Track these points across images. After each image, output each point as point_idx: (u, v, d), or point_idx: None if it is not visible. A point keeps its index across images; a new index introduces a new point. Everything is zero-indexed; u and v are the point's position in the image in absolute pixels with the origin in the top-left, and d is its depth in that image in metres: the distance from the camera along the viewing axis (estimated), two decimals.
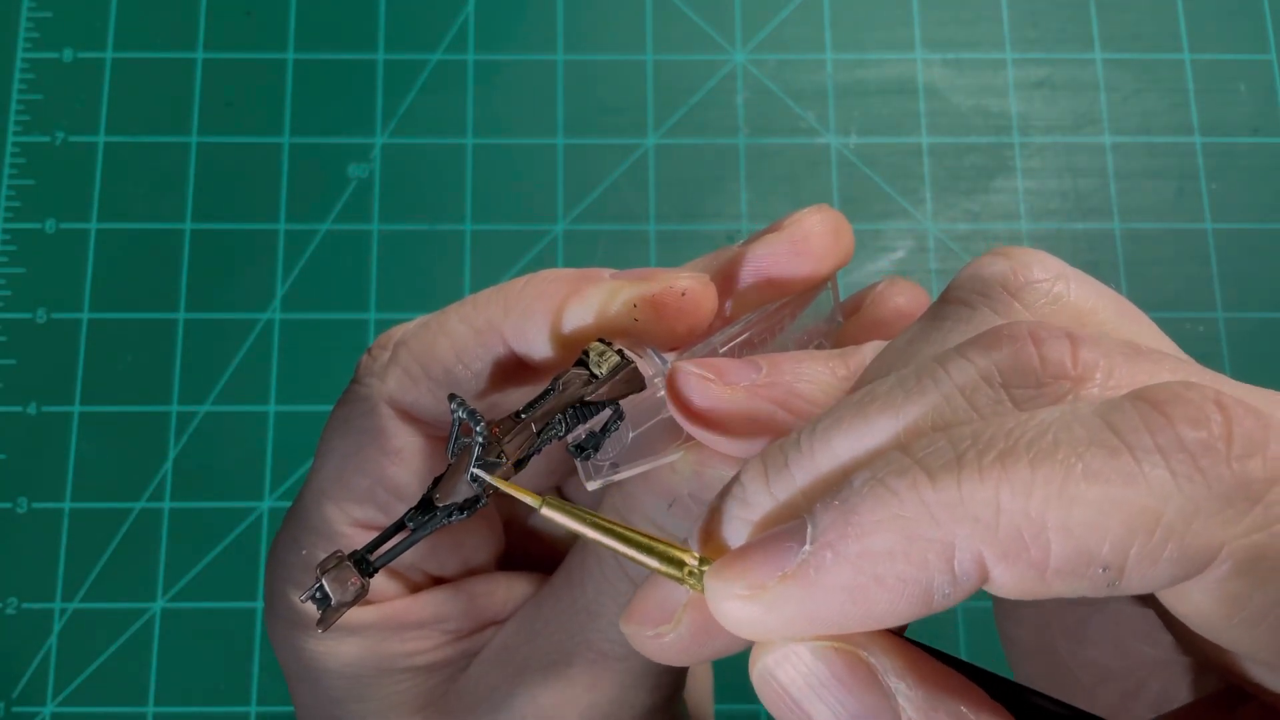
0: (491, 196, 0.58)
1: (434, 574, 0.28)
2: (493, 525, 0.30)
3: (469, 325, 0.25)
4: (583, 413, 0.23)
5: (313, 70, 0.59)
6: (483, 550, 0.29)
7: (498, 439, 0.22)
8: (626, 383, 0.23)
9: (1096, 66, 0.60)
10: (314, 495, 0.27)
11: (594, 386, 0.23)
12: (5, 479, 0.54)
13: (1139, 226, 0.58)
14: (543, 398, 0.23)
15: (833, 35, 0.61)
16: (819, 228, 0.26)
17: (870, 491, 0.17)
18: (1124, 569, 0.16)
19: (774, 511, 0.19)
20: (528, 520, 0.31)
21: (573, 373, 0.23)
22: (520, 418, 0.23)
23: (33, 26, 0.59)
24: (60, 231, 0.57)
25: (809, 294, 0.26)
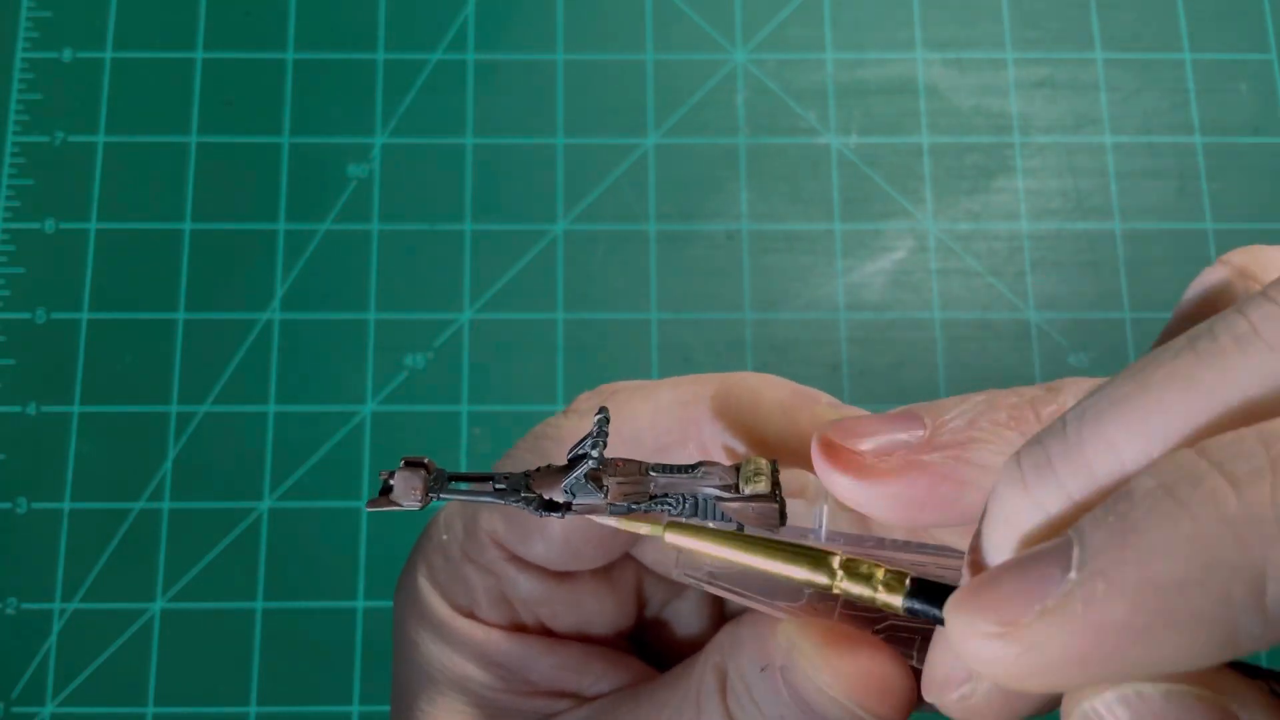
0: (491, 196, 0.58)
1: (545, 622, 0.27)
2: (622, 599, 0.28)
3: (673, 395, 0.24)
4: (707, 510, 0.22)
5: (313, 70, 0.59)
6: (602, 619, 0.28)
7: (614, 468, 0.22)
8: (759, 516, 0.22)
9: (1097, 66, 0.60)
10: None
11: (729, 496, 0.22)
12: (5, 479, 0.54)
13: (1139, 226, 0.58)
14: (679, 470, 0.22)
15: (833, 35, 0.61)
16: None
17: (1155, 505, 0.14)
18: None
19: (1038, 525, 0.16)
20: (664, 610, 0.29)
21: (719, 469, 0.22)
22: (648, 473, 0.22)
23: (32, 26, 0.59)
24: (60, 231, 0.57)
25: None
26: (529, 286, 0.57)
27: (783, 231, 0.58)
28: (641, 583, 0.29)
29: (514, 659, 0.27)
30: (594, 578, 0.27)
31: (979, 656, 0.15)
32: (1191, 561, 0.14)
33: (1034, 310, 0.57)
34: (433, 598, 0.27)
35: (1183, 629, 0.14)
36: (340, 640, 0.53)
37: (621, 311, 0.56)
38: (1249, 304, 0.15)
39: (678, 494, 0.22)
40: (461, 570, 0.27)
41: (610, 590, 0.28)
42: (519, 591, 0.27)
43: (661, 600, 0.29)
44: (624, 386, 0.26)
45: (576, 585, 0.27)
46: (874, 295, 0.57)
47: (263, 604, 0.53)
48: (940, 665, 0.18)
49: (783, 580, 0.21)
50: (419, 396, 0.55)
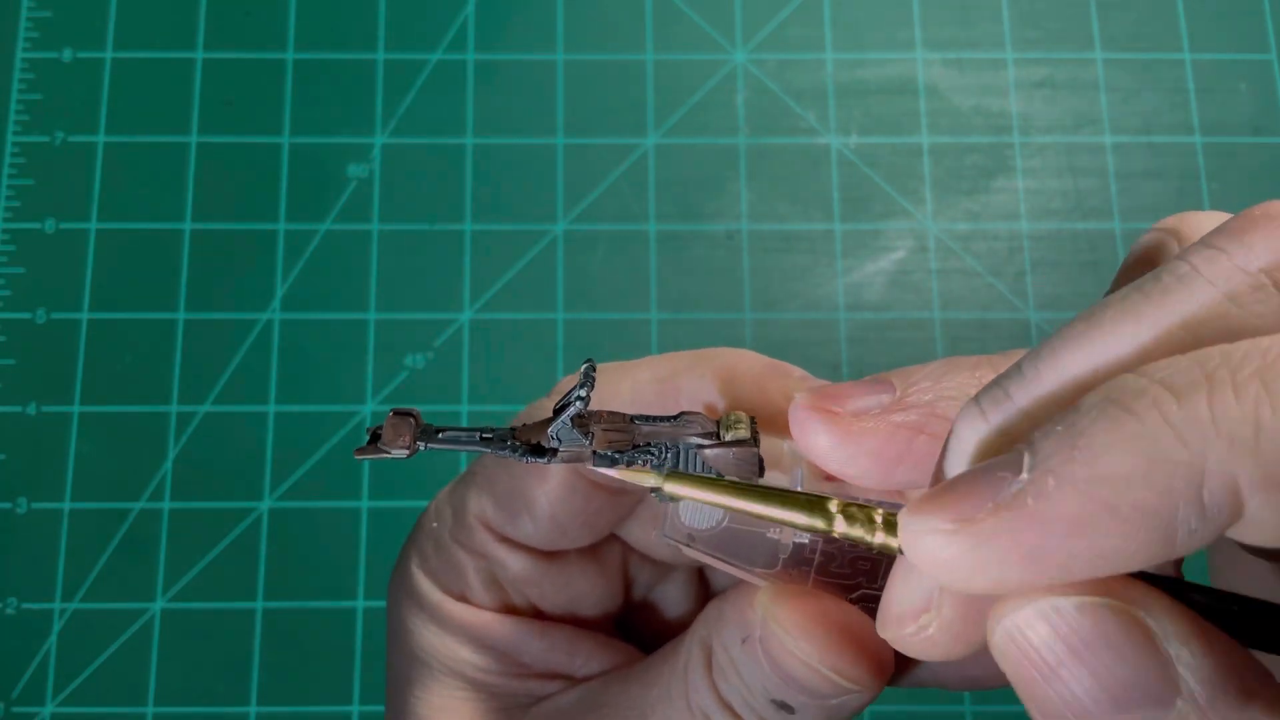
0: (491, 196, 0.58)
1: (535, 603, 0.28)
2: (610, 579, 0.29)
3: (652, 373, 0.25)
4: (688, 460, 0.22)
5: (313, 70, 0.59)
6: (591, 600, 0.28)
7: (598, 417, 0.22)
8: (740, 462, 0.22)
9: (1097, 66, 0.60)
10: (466, 478, 0.27)
11: (710, 444, 0.22)
12: (5, 479, 0.54)
13: (1139, 226, 0.58)
14: (662, 420, 0.22)
15: (833, 35, 0.61)
16: None
17: (1102, 412, 0.15)
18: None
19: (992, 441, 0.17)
20: (652, 593, 0.30)
21: (699, 416, 0.22)
22: (632, 421, 0.22)
23: (32, 26, 0.59)
24: (60, 231, 0.57)
25: None
26: (529, 286, 0.57)
27: (783, 231, 0.58)
28: (628, 563, 0.29)
29: (507, 641, 0.27)
30: (582, 557, 0.28)
31: (933, 555, 0.16)
32: (1136, 457, 0.15)
33: (1034, 310, 0.57)
34: (425, 584, 0.28)
35: (1126, 521, 0.15)
36: (340, 640, 0.53)
37: (621, 311, 0.56)
38: (1190, 250, 0.17)
39: (660, 443, 0.22)
40: (453, 555, 0.27)
41: (598, 570, 0.28)
42: (509, 572, 0.27)
43: (648, 582, 0.30)
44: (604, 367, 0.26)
45: (565, 565, 0.28)
46: (874, 295, 0.57)
47: (263, 604, 0.53)
48: (898, 597, 0.19)
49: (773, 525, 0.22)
50: (419, 396, 0.55)
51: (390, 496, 0.54)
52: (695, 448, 0.22)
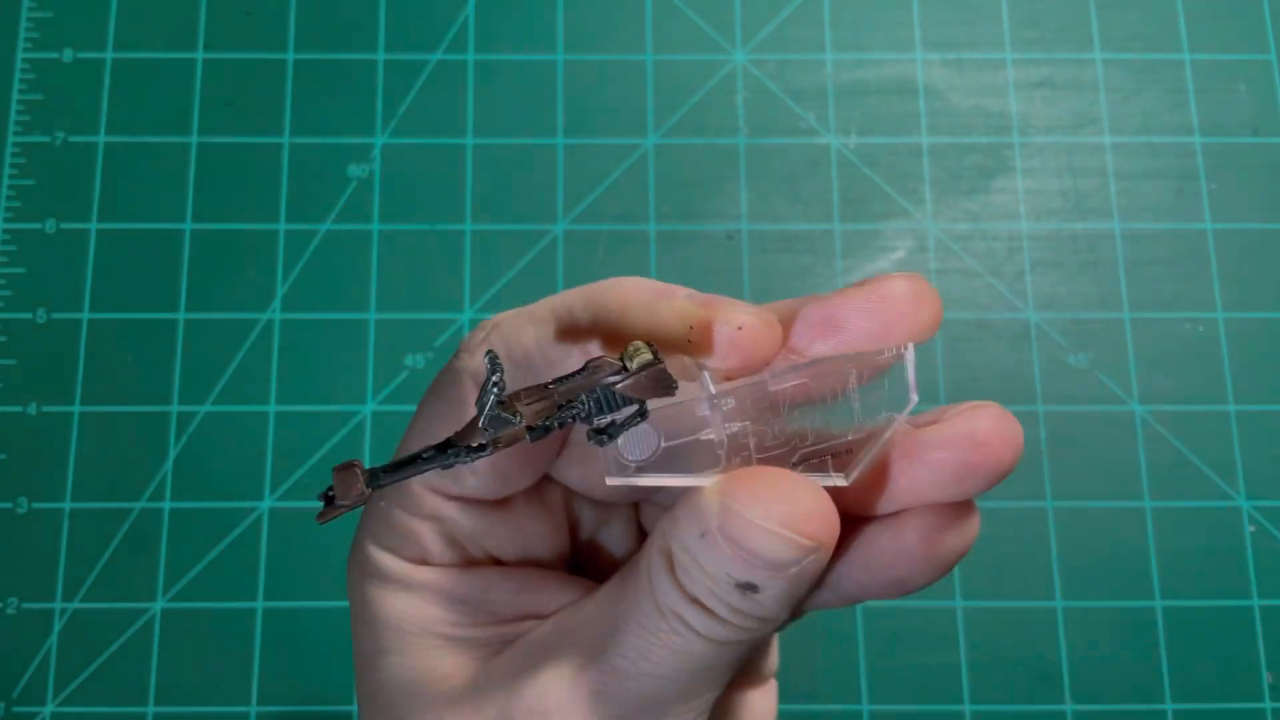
0: (491, 196, 0.58)
1: (493, 553, 0.29)
2: (557, 522, 0.30)
3: (553, 315, 0.26)
4: (608, 401, 0.24)
5: (313, 70, 0.59)
6: (543, 543, 0.30)
7: (517, 397, 0.23)
8: (653, 382, 0.23)
9: (1096, 66, 0.60)
10: (400, 453, 0.28)
11: (621, 378, 0.23)
12: (5, 479, 0.54)
13: (1139, 226, 0.58)
14: (573, 376, 0.24)
15: (833, 35, 0.61)
16: (901, 290, 0.25)
17: None
18: None
19: None
20: (597, 534, 0.32)
21: (605, 359, 0.24)
22: (548, 388, 0.24)
23: (33, 27, 0.60)
24: (60, 231, 0.57)
25: (879, 359, 0.25)
26: (529, 286, 0.57)
27: (782, 231, 0.58)
28: (570, 505, 0.31)
29: (475, 591, 0.28)
30: (528, 502, 0.29)
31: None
32: None
33: (1033, 310, 0.57)
34: (386, 557, 0.29)
35: None
36: (340, 640, 0.53)
37: None
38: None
39: (579, 395, 0.23)
40: (407, 525, 0.28)
41: (545, 512, 0.30)
42: (463, 528, 0.28)
43: (591, 523, 0.31)
44: (505, 316, 0.28)
45: (514, 512, 0.29)
46: None
47: (263, 604, 0.53)
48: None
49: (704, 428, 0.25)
50: (419, 396, 0.55)
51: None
52: (611, 386, 0.23)
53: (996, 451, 0.24)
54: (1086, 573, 0.54)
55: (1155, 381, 0.56)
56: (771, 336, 0.24)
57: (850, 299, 0.25)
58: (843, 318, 0.25)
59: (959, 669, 0.53)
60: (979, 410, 0.25)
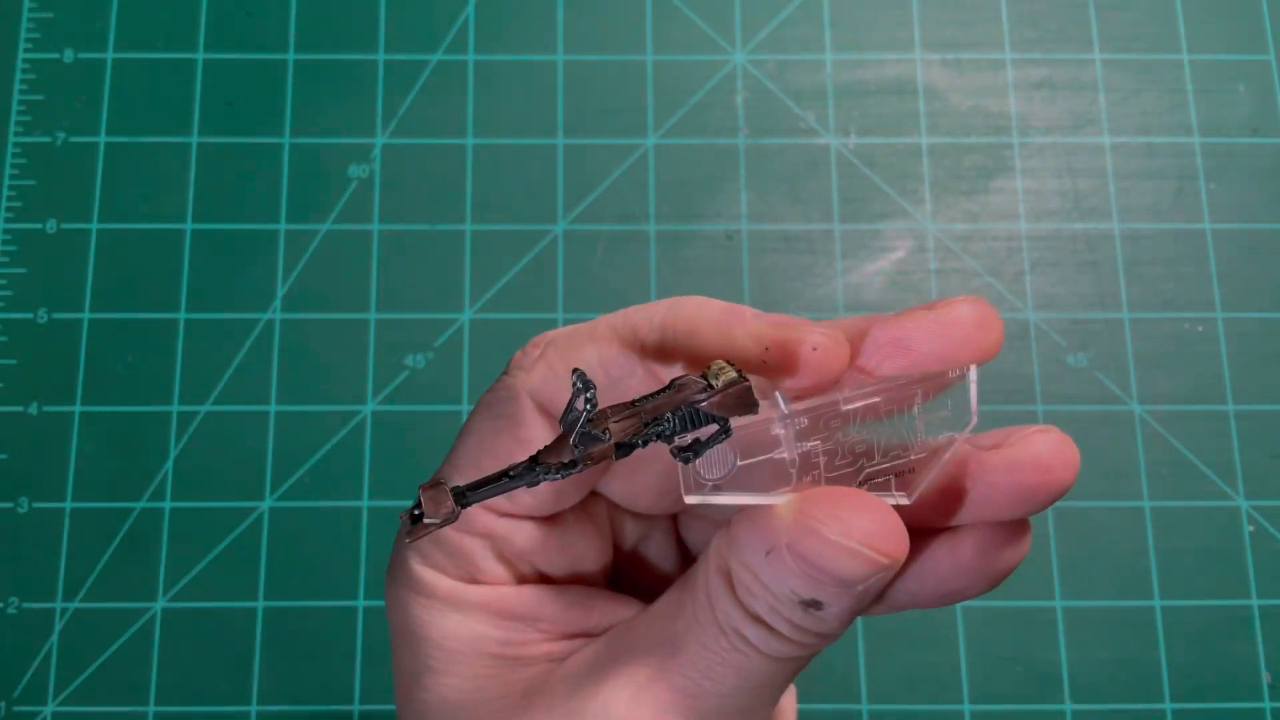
0: (491, 196, 0.58)
1: (542, 570, 0.29)
2: (603, 536, 0.30)
3: (615, 334, 0.27)
4: (692, 419, 0.24)
5: (313, 70, 0.59)
6: (590, 558, 0.30)
7: (605, 414, 0.24)
8: (738, 400, 0.24)
9: (1096, 67, 0.60)
10: (448, 468, 0.28)
11: (707, 396, 0.24)
12: (6, 479, 0.54)
13: (1138, 226, 0.58)
14: (660, 393, 0.24)
15: (833, 35, 0.61)
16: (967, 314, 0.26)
17: None
18: None
19: None
20: (640, 547, 0.32)
21: (690, 378, 0.24)
22: (634, 405, 0.24)
23: (33, 27, 0.60)
24: (61, 232, 0.57)
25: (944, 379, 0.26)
26: (529, 286, 0.57)
27: (782, 232, 0.58)
28: (614, 517, 0.31)
29: (524, 609, 0.28)
30: (577, 517, 0.29)
31: None
32: None
33: (1033, 310, 0.57)
34: (433, 576, 0.28)
35: None
36: (340, 640, 0.53)
37: None
38: None
39: (664, 413, 0.24)
40: (458, 544, 0.28)
41: (592, 526, 0.30)
42: (516, 545, 0.28)
43: (632, 535, 0.31)
44: (559, 335, 0.28)
45: (564, 527, 0.29)
46: (873, 295, 0.57)
47: (263, 604, 0.53)
48: None
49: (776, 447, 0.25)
50: (419, 396, 0.55)
51: (391, 496, 0.54)
52: (696, 404, 0.24)
53: (1058, 475, 0.25)
54: (1086, 573, 0.54)
55: (1154, 381, 0.56)
56: (843, 356, 0.25)
57: (919, 322, 0.26)
58: (911, 340, 0.26)
59: (958, 669, 0.53)
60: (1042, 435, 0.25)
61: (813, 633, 0.25)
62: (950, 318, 0.26)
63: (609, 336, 0.27)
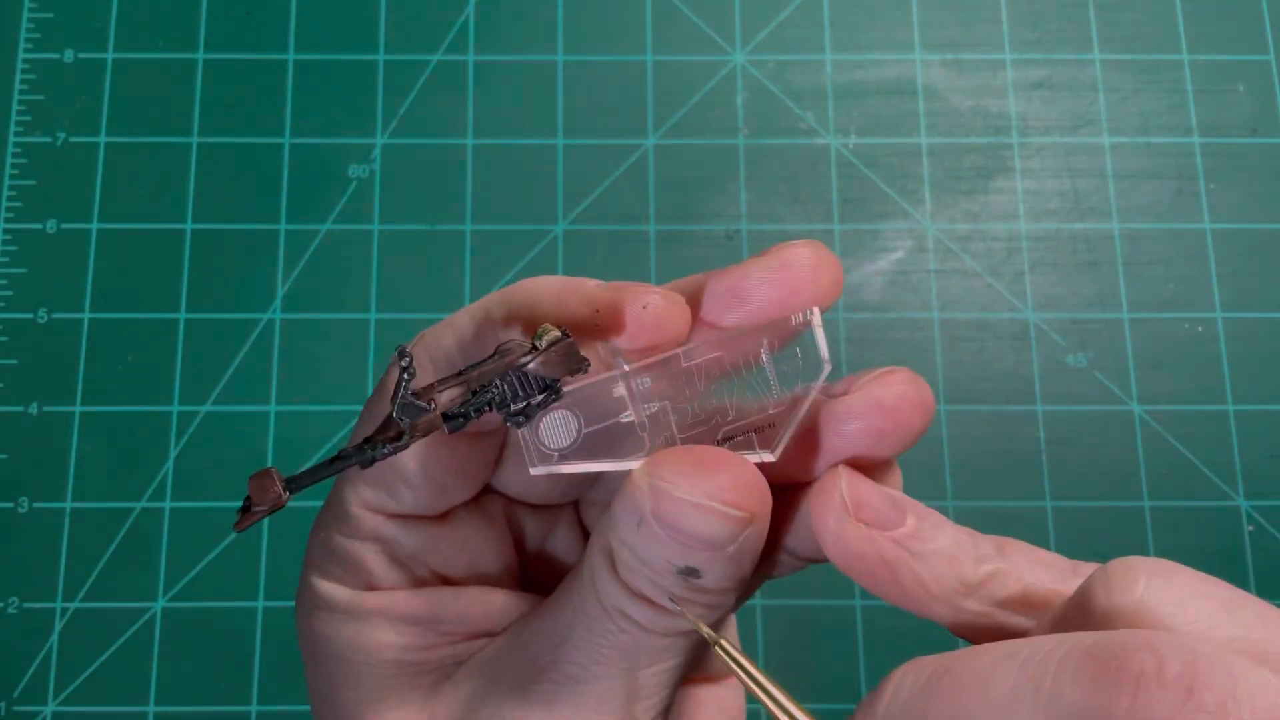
0: (491, 196, 0.58)
1: (438, 571, 0.28)
2: (501, 534, 0.30)
3: (471, 318, 0.26)
4: (522, 384, 0.24)
5: (313, 70, 0.59)
6: (489, 557, 0.29)
7: (432, 387, 0.23)
8: (562, 358, 0.24)
9: (1095, 67, 0.60)
10: (336, 483, 0.28)
11: (531, 357, 0.24)
12: (6, 479, 0.54)
13: (1138, 226, 0.58)
14: (485, 361, 0.24)
15: (832, 36, 0.61)
16: (801, 258, 0.26)
17: None
18: None
19: None
20: (545, 544, 0.31)
21: (516, 341, 0.24)
22: (461, 375, 0.24)
23: (34, 27, 0.60)
24: (61, 232, 0.57)
25: (789, 327, 0.25)
26: None
27: (782, 232, 0.58)
28: (512, 515, 0.30)
29: (424, 612, 0.28)
30: (470, 515, 0.29)
31: None
32: None
33: (1032, 310, 0.57)
34: (331, 588, 0.28)
35: None
36: None
37: None
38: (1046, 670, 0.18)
39: (492, 379, 0.24)
40: (348, 550, 0.28)
41: (488, 525, 0.29)
42: (406, 547, 0.28)
43: (537, 532, 0.31)
44: (429, 330, 0.28)
45: (456, 526, 0.28)
46: (873, 295, 0.57)
47: (263, 603, 0.53)
48: None
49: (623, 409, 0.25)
50: None
51: None
52: (523, 367, 0.24)
53: (906, 418, 0.25)
54: None
55: (1154, 381, 0.56)
56: (678, 313, 0.25)
57: (751, 269, 0.26)
58: (746, 288, 0.26)
59: None
60: (889, 377, 0.25)
61: (696, 603, 0.24)
62: (783, 261, 0.26)
63: (465, 322, 0.26)
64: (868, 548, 0.24)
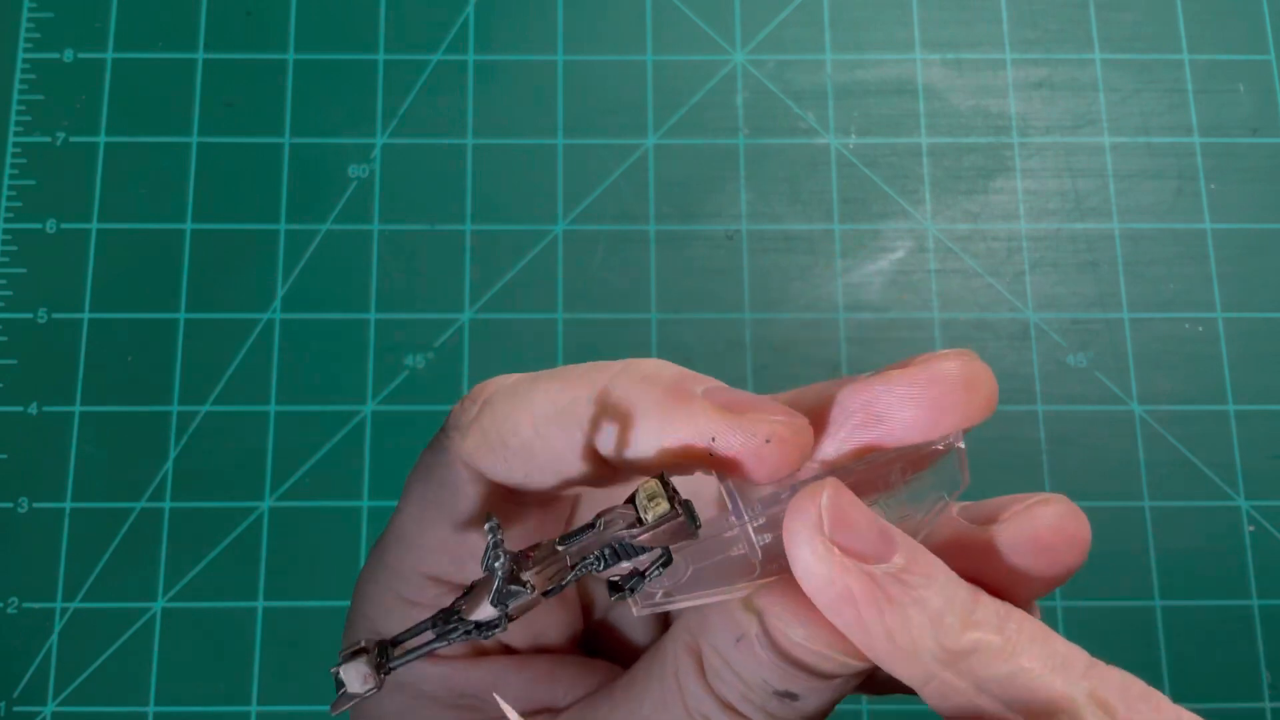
0: (491, 196, 0.58)
1: (501, 640, 0.27)
2: (569, 605, 0.28)
3: (553, 404, 0.23)
4: (624, 551, 0.22)
5: (313, 70, 0.59)
6: (554, 628, 0.28)
7: (526, 558, 0.22)
8: (671, 535, 0.21)
9: (1095, 67, 0.60)
10: (395, 535, 0.26)
11: (637, 531, 0.21)
12: (6, 479, 0.54)
13: (1138, 226, 0.58)
14: (583, 531, 0.22)
15: (832, 35, 0.61)
16: (950, 374, 0.22)
17: None
18: None
19: None
20: (608, 613, 0.29)
21: (618, 512, 0.22)
22: (557, 549, 0.22)
23: (33, 27, 0.60)
24: (61, 231, 0.57)
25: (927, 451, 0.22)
26: (529, 286, 0.57)
27: (782, 232, 0.58)
28: (584, 582, 0.28)
29: (484, 685, 0.26)
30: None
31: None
32: None
33: (1033, 310, 0.57)
34: None
35: None
36: (340, 640, 0.53)
37: (621, 311, 0.57)
38: None
39: (592, 554, 0.22)
40: (408, 616, 0.26)
41: (556, 601, 0.27)
42: None
43: (605, 601, 0.29)
44: (496, 392, 0.25)
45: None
46: (873, 295, 0.57)
47: (263, 604, 0.53)
48: None
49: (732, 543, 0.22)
50: (419, 396, 0.55)
51: (391, 496, 0.54)
52: (629, 540, 0.22)
53: (1062, 557, 0.22)
54: (1086, 573, 0.54)
55: (1155, 381, 0.56)
56: (801, 446, 0.22)
57: (892, 386, 0.22)
58: (884, 407, 0.22)
59: None
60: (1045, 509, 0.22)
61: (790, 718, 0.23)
62: (930, 376, 0.22)
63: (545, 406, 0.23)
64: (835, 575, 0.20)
